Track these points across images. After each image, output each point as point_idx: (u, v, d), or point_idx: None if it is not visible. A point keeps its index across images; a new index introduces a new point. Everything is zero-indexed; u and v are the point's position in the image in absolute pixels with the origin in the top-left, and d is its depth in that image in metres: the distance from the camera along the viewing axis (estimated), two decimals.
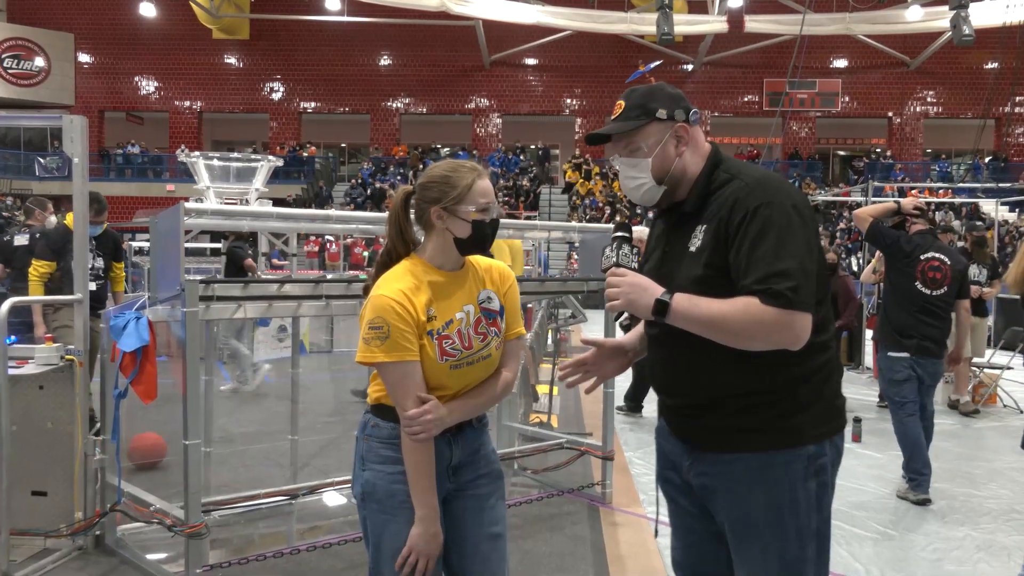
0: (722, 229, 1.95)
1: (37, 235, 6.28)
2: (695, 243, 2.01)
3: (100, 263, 6.08)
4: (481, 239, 2.25)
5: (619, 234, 2.09)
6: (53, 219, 6.56)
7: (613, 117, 2.11)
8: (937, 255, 5.14)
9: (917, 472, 5.12)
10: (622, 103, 2.10)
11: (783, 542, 1.99)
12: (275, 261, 12.57)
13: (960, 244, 9.86)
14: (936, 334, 5.12)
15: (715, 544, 2.13)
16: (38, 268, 5.89)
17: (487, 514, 2.31)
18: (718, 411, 2.02)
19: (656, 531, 2.35)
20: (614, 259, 2.06)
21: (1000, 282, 8.70)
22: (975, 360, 8.44)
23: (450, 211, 2.21)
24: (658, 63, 25.26)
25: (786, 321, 1.85)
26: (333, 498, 4.70)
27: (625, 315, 2.13)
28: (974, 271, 7.82)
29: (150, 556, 3.97)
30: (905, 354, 5.09)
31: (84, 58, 34.00)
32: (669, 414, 2.19)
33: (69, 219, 5.53)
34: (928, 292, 5.10)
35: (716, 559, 2.14)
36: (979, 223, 8.56)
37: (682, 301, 1.93)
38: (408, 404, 2.13)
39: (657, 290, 1.96)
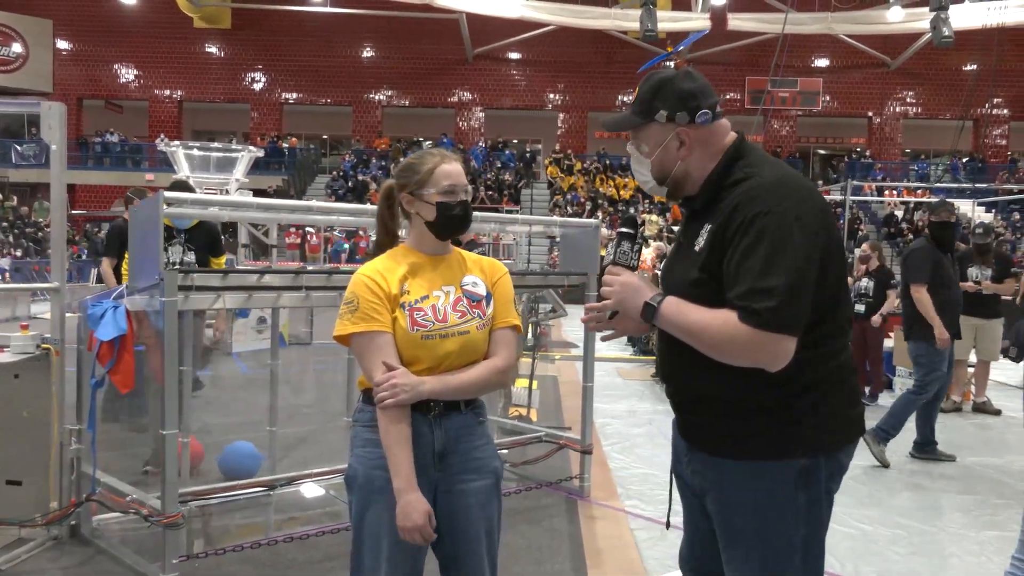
0: (720, 233, 1.87)
1: (109, 229, 6.22)
2: (699, 243, 1.94)
3: (191, 258, 5.54)
4: (448, 221, 2.28)
5: (622, 230, 2.04)
6: None
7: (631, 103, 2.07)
8: None
9: (890, 431, 5.89)
10: (637, 91, 2.05)
11: (767, 550, 1.95)
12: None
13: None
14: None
15: (716, 541, 2.09)
16: (105, 263, 5.87)
17: (475, 511, 2.27)
18: (712, 411, 1.98)
19: (668, 524, 2.30)
20: (611, 257, 2.03)
21: (1017, 281, 8.77)
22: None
23: (415, 195, 2.29)
24: (696, 37, 25.02)
25: (760, 342, 1.77)
26: (311, 489, 4.69)
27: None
28: (975, 273, 7.85)
29: (126, 546, 3.95)
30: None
31: (63, 45, 33.61)
32: (673, 408, 2.15)
33: None
34: None
35: (716, 556, 2.09)
36: (979, 230, 8.46)
37: (670, 306, 1.90)
38: (376, 373, 2.15)
39: (648, 292, 1.93)
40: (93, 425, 3.94)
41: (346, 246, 24.71)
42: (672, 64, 25.35)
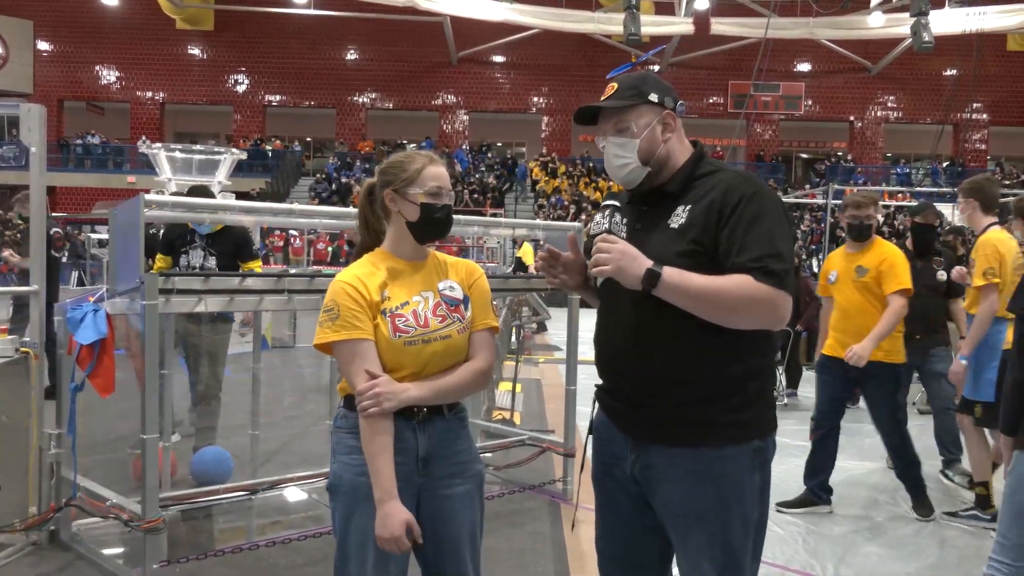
0: (714, 209, 1.99)
1: (158, 229, 6.12)
2: (677, 221, 2.04)
3: (212, 263, 5.41)
4: (431, 224, 2.28)
5: (611, 202, 2.13)
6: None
7: (604, 97, 2.13)
8: None
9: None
10: (614, 85, 2.13)
11: (729, 533, 2.04)
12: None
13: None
14: None
15: (648, 537, 2.17)
16: (154, 264, 5.75)
17: (460, 515, 2.27)
18: (666, 398, 2.04)
19: (573, 525, 2.39)
20: (606, 225, 2.10)
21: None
22: None
23: (400, 193, 2.27)
24: (654, 52, 25.25)
25: (776, 300, 1.93)
26: (294, 493, 4.67)
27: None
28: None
29: (106, 551, 3.92)
30: None
31: (43, 46, 33.33)
32: (615, 402, 2.18)
33: None
34: None
35: (646, 552, 2.19)
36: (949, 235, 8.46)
37: (673, 274, 1.95)
38: (359, 381, 2.14)
39: (647, 260, 1.97)
40: (73, 429, 3.91)
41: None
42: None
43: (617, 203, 2.14)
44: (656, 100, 2.10)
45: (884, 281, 4.59)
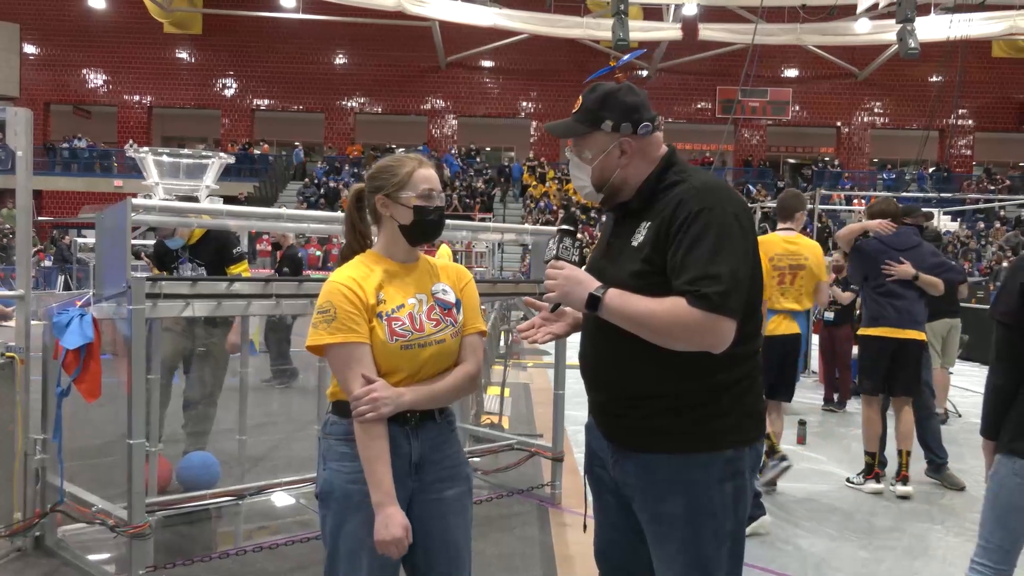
0: (664, 227, 1.97)
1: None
2: (638, 239, 2.04)
3: (202, 273, 5.27)
4: (424, 226, 2.28)
5: (563, 227, 2.12)
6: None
7: (572, 111, 2.14)
8: None
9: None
10: (580, 101, 2.13)
11: (699, 542, 2.04)
12: None
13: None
14: None
15: (637, 540, 2.17)
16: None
17: (452, 519, 2.27)
18: (640, 410, 2.06)
19: (584, 526, 2.41)
20: (554, 252, 2.10)
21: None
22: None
23: (392, 198, 2.26)
24: (633, 55, 25.33)
25: (709, 325, 1.88)
26: (281, 498, 4.66)
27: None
28: None
29: (92, 557, 3.90)
30: None
31: (30, 49, 33.16)
32: (596, 411, 2.23)
33: None
34: None
35: (637, 554, 2.19)
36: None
37: (614, 297, 1.97)
38: (355, 386, 2.12)
39: (592, 284, 2.00)
40: (59, 435, 3.89)
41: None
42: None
43: (570, 227, 2.12)
44: (609, 128, 2.07)
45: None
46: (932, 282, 5.25)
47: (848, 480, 5.57)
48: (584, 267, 2.18)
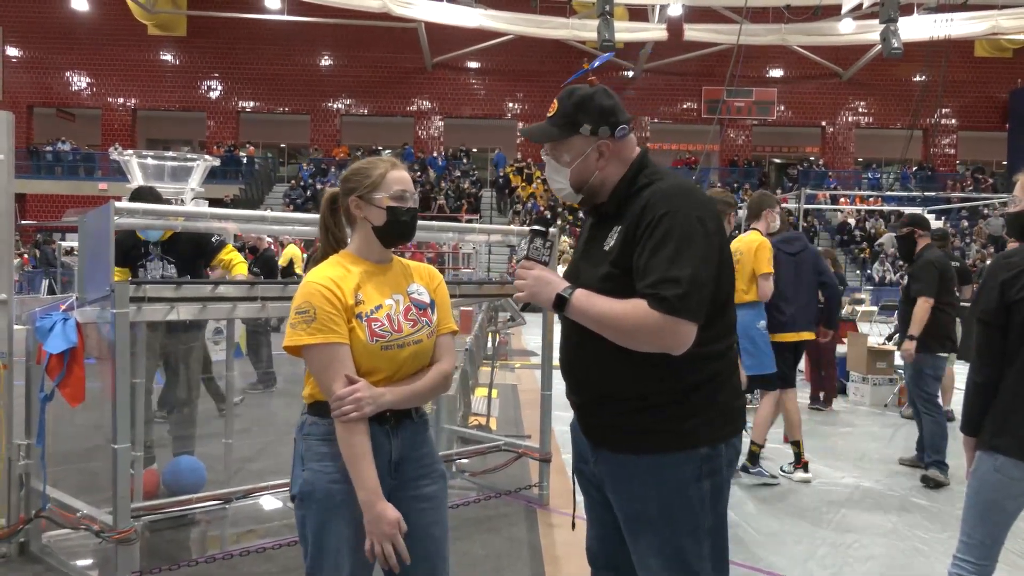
0: (631, 231, 2.01)
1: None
2: (609, 242, 2.08)
3: (172, 272, 5.15)
4: (397, 227, 2.30)
5: (534, 228, 2.15)
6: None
7: (548, 115, 2.16)
8: None
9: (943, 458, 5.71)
10: (555, 105, 2.16)
11: (677, 539, 2.06)
12: None
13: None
14: None
15: (621, 535, 2.19)
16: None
17: (430, 515, 2.30)
18: (612, 409, 2.09)
19: (573, 525, 2.43)
20: (524, 252, 2.14)
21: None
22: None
23: (365, 199, 2.28)
24: (606, 58, 25.48)
25: (667, 327, 1.91)
26: (268, 502, 4.64)
27: None
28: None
29: (77, 563, 3.88)
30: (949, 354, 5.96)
31: (12, 52, 32.89)
32: (575, 411, 2.26)
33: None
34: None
35: (626, 549, 2.20)
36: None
37: (580, 298, 2.01)
38: (336, 387, 2.13)
39: (560, 285, 2.04)
40: (42, 440, 3.86)
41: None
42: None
43: (541, 228, 2.14)
44: (588, 132, 2.10)
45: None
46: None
47: (781, 470, 5.75)
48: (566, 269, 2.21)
